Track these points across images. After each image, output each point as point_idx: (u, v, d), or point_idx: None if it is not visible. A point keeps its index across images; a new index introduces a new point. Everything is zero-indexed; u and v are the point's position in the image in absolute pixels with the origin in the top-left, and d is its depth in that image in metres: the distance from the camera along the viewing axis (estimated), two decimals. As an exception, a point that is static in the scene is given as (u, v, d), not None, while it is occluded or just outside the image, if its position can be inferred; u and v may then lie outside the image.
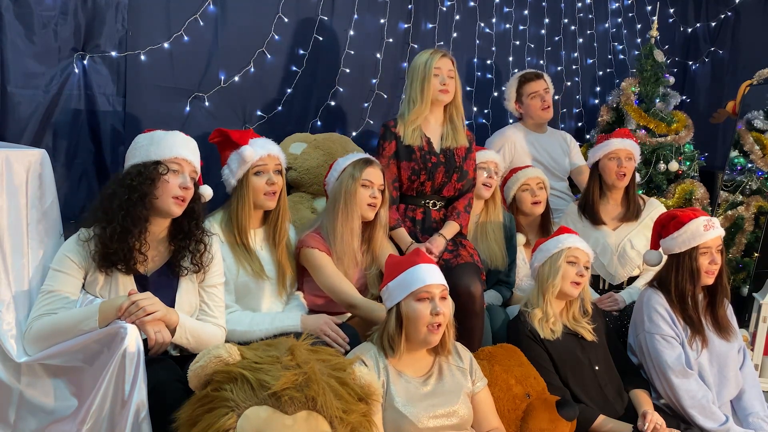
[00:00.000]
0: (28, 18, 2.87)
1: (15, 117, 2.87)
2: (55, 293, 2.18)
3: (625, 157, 3.40)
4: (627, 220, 3.43)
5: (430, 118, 3.11)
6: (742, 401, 2.86)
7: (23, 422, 2.16)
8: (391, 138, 3.06)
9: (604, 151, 3.43)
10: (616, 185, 3.42)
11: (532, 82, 3.97)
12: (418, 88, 3.05)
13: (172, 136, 2.30)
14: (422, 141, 3.05)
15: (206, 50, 3.39)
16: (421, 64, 3.05)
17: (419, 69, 3.05)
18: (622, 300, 3.23)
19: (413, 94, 3.06)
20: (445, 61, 3.07)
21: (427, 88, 3.03)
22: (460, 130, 3.13)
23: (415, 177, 3.04)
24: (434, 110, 3.11)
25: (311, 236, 2.74)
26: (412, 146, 3.03)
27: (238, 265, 2.57)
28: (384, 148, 3.05)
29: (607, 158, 3.41)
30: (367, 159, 2.83)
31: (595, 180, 3.47)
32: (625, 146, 3.41)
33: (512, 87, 4.06)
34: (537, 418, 2.47)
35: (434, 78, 3.03)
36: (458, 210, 3.11)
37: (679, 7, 5.37)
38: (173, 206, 2.23)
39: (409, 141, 3.03)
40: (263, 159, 2.61)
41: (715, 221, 2.85)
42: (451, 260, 2.91)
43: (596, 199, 3.45)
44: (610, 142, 3.43)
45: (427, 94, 3.03)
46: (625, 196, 3.46)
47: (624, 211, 3.45)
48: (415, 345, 2.30)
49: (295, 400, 1.74)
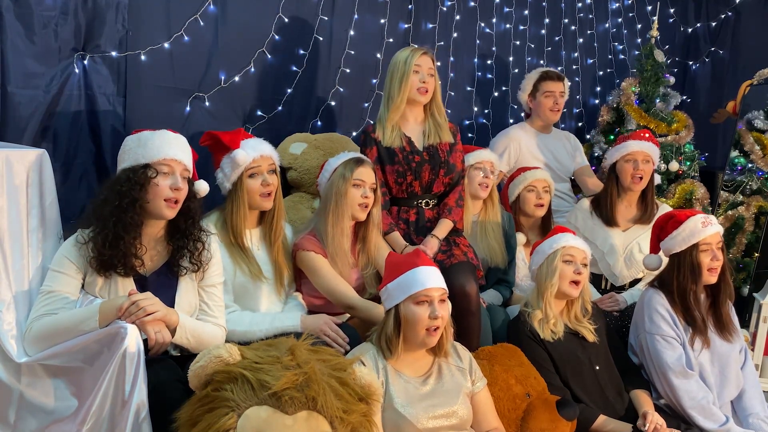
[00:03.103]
0: (29, 18, 2.86)
1: (15, 117, 2.87)
2: (54, 293, 2.18)
3: (642, 159, 3.35)
4: (639, 222, 3.41)
5: (408, 117, 3.07)
6: (742, 401, 2.86)
7: (23, 422, 2.16)
8: (371, 144, 3.02)
9: (621, 152, 3.39)
10: (632, 188, 3.38)
11: (552, 82, 3.94)
12: (396, 85, 3.00)
13: (160, 137, 2.26)
14: (402, 141, 3.01)
15: (206, 50, 3.38)
16: (401, 61, 3.00)
17: (398, 65, 3.00)
18: (623, 301, 3.22)
19: (391, 90, 3.02)
20: (426, 59, 3.02)
21: (404, 85, 2.98)
22: (444, 127, 3.09)
23: (401, 179, 3.01)
24: (413, 109, 3.07)
25: (307, 239, 2.73)
26: (392, 148, 2.99)
27: (235, 266, 2.57)
28: (366, 155, 2.99)
29: (624, 160, 3.38)
30: (358, 158, 2.81)
31: (612, 181, 3.43)
32: (642, 148, 3.36)
33: (531, 79, 4.02)
34: (537, 418, 2.47)
35: (413, 75, 2.99)
36: (449, 206, 3.08)
37: (679, 7, 5.37)
38: (165, 209, 2.22)
39: (389, 142, 3.00)
40: (256, 161, 2.59)
41: (713, 218, 2.84)
42: (444, 261, 2.89)
43: (614, 201, 3.41)
44: (627, 144, 3.39)
45: (404, 90, 2.99)
46: (641, 198, 3.43)
47: (638, 213, 3.43)
48: (412, 346, 2.30)
49: (295, 400, 1.74)
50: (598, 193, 3.55)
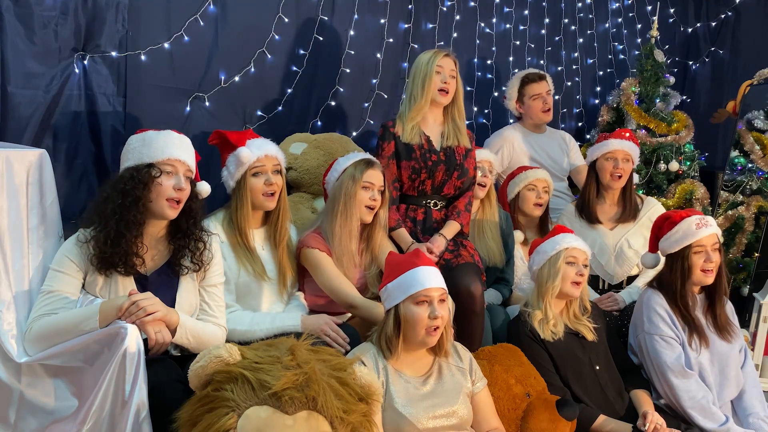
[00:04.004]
0: (29, 18, 2.87)
1: (15, 117, 2.87)
2: (55, 293, 2.18)
3: (623, 158, 3.38)
4: (624, 220, 3.42)
5: (428, 117, 3.12)
6: (742, 401, 2.86)
7: (23, 422, 2.16)
8: (390, 138, 3.06)
9: (601, 150, 3.42)
10: (612, 186, 3.41)
11: (535, 84, 3.96)
12: (419, 85, 3.06)
13: (164, 137, 2.27)
14: (421, 139, 3.06)
15: (206, 50, 3.39)
16: (424, 62, 3.07)
17: (421, 66, 3.07)
18: (622, 300, 3.23)
19: (414, 90, 3.07)
20: (448, 60, 3.08)
21: (428, 86, 3.04)
22: (463, 131, 3.15)
23: (415, 176, 3.04)
24: (433, 110, 3.12)
25: (312, 236, 2.74)
26: (411, 144, 3.03)
27: (240, 265, 2.57)
28: (383, 148, 3.05)
29: (604, 158, 3.41)
30: (368, 160, 2.83)
31: (591, 179, 3.47)
32: (623, 147, 3.39)
33: (514, 87, 4.05)
34: (537, 418, 2.47)
35: (436, 76, 3.04)
36: (459, 209, 3.11)
37: (679, 7, 5.37)
38: (167, 209, 2.22)
39: (408, 139, 3.04)
40: (261, 160, 2.60)
41: (709, 219, 2.84)
42: (451, 260, 2.91)
43: (592, 199, 3.44)
44: (608, 142, 3.42)
45: (427, 91, 3.05)
46: (622, 196, 3.45)
47: (621, 211, 3.44)
48: (412, 346, 2.30)
49: (295, 400, 1.74)
50: (580, 194, 3.56)
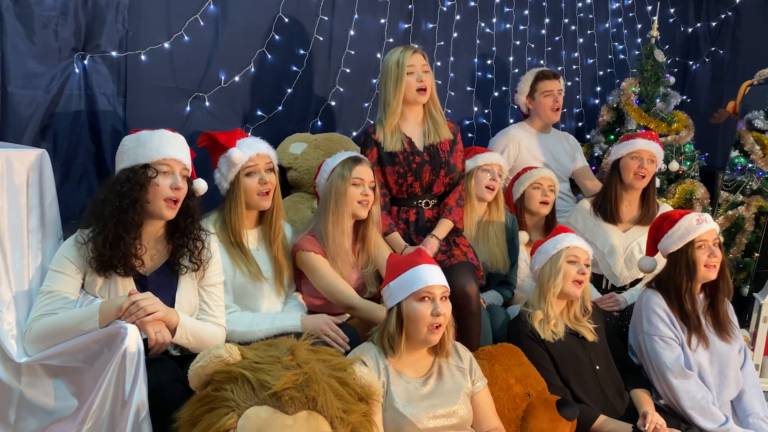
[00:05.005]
0: (29, 18, 2.86)
1: (15, 117, 2.87)
2: (54, 293, 2.18)
3: (648, 158, 3.37)
4: (640, 223, 3.41)
5: (408, 117, 3.05)
6: (742, 401, 2.86)
7: (23, 422, 2.16)
8: (371, 145, 3.01)
9: (627, 149, 3.41)
10: (634, 185, 3.39)
11: (549, 81, 3.95)
12: (391, 89, 2.97)
13: (159, 136, 2.25)
14: (403, 143, 3.00)
15: (206, 50, 3.39)
16: (393, 64, 2.97)
17: (392, 69, 2.97)
18: (624, 300, 3.22)
19: (387, 96, 2.99)
20: (417, 57, 2.99)
21: (401, 89, 2.96)
22: (442, 124, 3.07)
23: (402, 180, 3.00)
24: (412, 109, 3.05)
25: (306, 239, 2.73)
26: (394, 151, 2.98)
27: (235, 267, 2.56)
28: (366, 156, 2.98)
29: (630, 157, 3.39)
30: (355, 157, 2.81)
31: (615, 178, 3.45)
32: (650, 148, 3.39)
33: (527, 81, 4.03)
34: (537, 418, 2.47)
35: (408, 77, 2.96)
36: (450, 206, 3.07)
37: (679, 7, 5.37)
38: (165, 210, 2.22)
39: (390, 147, 2.98)
40: (252, 159, 2.58)
41: (707, 216, 2.85)
42: (444, 261, 2.88)
43: (617, 196, 3.42)
44: (636, 141, 3.41)
45: (400, 94, 2.97)
46: (642, 198, 3.44)
47: (638, 214, 3.43)
48: (415, 345, 2.30)
49: (295, 400, 1.74)
50: (600, 191, 3.55)
